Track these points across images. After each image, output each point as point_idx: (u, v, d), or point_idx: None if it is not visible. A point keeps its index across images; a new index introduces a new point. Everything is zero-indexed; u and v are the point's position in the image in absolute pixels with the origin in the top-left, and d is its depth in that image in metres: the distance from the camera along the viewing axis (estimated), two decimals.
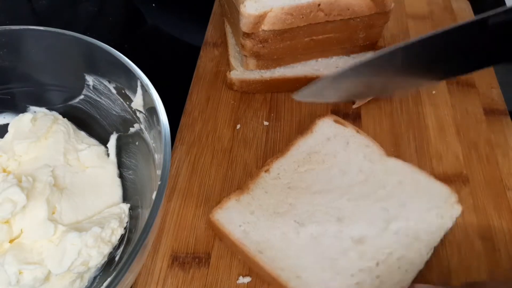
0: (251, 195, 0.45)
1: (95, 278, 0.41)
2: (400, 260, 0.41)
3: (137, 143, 0.43)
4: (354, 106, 0.55)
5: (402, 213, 0.44)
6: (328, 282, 0.40)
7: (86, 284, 0.40)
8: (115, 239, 0.40)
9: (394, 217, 0.43)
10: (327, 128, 0.50)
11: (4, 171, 0.43)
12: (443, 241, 0.44)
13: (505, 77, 0.61)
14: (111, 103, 0.45)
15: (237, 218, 0.43)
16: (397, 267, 0.41)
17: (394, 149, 0.51)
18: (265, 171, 0.47)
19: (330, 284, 0.40)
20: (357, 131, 0.50)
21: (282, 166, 0.48)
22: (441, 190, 0.45)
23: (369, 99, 0.55)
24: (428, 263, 0.42)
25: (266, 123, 0.54)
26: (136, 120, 0.42)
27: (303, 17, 0.50)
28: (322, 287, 0.39)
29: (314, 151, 0.49)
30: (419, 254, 0.41)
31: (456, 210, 0.44)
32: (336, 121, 0.51)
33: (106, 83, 0.43)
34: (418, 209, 0.44)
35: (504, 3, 0.73)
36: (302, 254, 0.41)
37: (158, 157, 0.37)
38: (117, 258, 0.41)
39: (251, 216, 0.43)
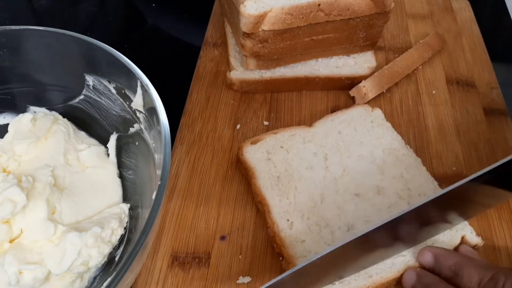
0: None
1: (95, 278, 0.41)
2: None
3: (137, 143, 0.43)
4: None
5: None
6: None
7: (86, 284, 0.40)
8: (115, 239, 0.40)
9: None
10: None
11: (4, 171, 0.43)
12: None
13: (505, 77, 0.61)
14: (111, 103, 0.45)
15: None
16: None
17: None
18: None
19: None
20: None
21: None
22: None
23: (369, 99, 0.55)
24: None
25: (266, 123, 0.54)
26: (136, 120, 0.42)
27: (303, 17, 0.50)
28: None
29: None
30: None
31: None
32: None
33: (106, 83, 0.43)
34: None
35: (504, 4, 0.73)
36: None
37: (158, 157, 0.37)
38: (117, 258, 0.41)
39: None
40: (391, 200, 0.45)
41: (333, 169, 0.47)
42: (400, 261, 0.41)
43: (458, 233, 0.42)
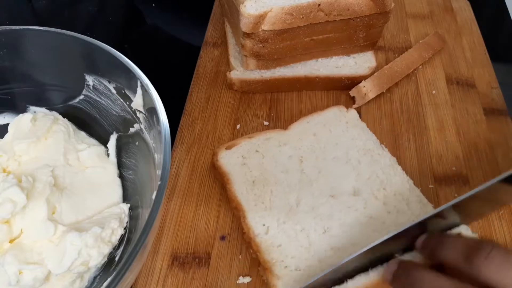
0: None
1: (95, 278, 0.41)
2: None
3: (137, 143, 0.43)
4: (354, 106, 0.55)
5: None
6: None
7: (86, 284, 0.40)
8: (115, 239, 0.40)
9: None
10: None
11: (4, 171, 0.43)
12: None
13: (505, 77, 0.61)
14: (111, 103, 0.45)
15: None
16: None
17: (394, 149, 0.51)
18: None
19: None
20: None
21: None
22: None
23: (369, 99, 0.55)
24: None
25: (266, 123, 0.54)
26: (136, 120, 0.42)
27: (303, 17, 0.50)
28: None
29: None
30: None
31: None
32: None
33: (106, 83, 0.43)
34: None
35: (504, 4, 0.73)
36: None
37: (158, 157, 0.37)
38: (117, 258, 0.41)
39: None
40: (366, 201, 0.44)
41: (308, 172, 0.46)
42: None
43: (453, 230, 0.42)
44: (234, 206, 0.45)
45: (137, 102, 0.41)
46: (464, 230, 0.41)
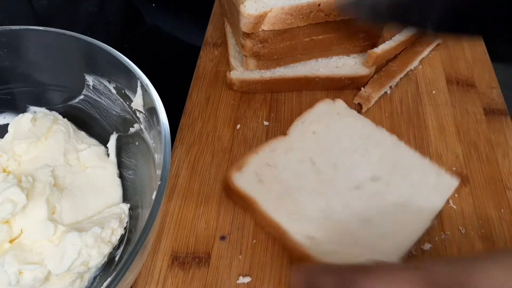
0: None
1: (95, 278, 0.41)
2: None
3: (137, 143, 0.43)
4: (363, 111, 0.55)
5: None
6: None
7: (86, 284, 0.40)
8: (115, 239, 0.40)
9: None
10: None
11: (4, 171, 0.43)
12: (443, 241, 0.44)
13: (505, 77, 0.61)
14: (111, 103, 0.45)
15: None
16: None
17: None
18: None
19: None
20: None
21: None
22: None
23: (375, 99, 0.55)
24: None
25: (266, 123, 0.54)
26: (136, 120, 0.42)
27: (303, 17, 0.50)
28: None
29: None
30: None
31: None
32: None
33: (106, 83, 0.43)
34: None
35: None
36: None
37: (158, 157, 0.37)
38: (117, 258, 0.41)
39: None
40: (388, 183, 0.45)
41: (324, 170, 0.47)
42: None
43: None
44: (267, 226, 0.44)
45: (137, 102, 0.41)
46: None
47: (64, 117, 0.47)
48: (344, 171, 0.46)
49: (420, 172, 0.47)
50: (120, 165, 0.46)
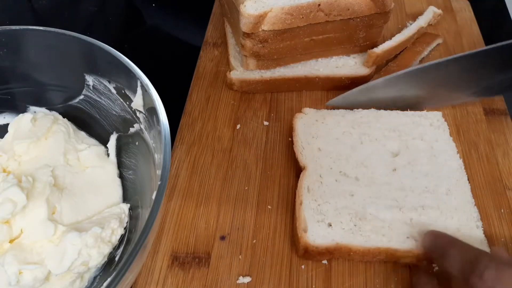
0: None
1: (95, 278, 0.41)
2: None
3: (137, 143, 0.43)
4: None
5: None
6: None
7: (86, 284, 0.40)
8: (115, 239, 0.40)
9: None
10: None
11: (4, 171, 0.43)
12: None
13: None
14: (111, 103, 0.45)
15: None
16: None
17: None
18: None
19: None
20: None
21: None
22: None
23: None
24: None
25: (266, 123, 0.54)
26: (136, 120, 0.42)
27: (303, 17, 0.50)
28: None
29: None
30: None
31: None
32: None
33: (106, 83, 0.43)
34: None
35: (504, 4, 0.73)
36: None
37: (158, 157, 0.37)
38: (117, 258, 0.41)
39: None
40: (409, 160, 0.48)
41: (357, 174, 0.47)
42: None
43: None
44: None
45: (137, 102, 0.41)
46: None
47: (64, 117, 0.47)
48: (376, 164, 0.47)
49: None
50: (120, 165, 0.46)
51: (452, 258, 0.35)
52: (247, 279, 0.42)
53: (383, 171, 0.47)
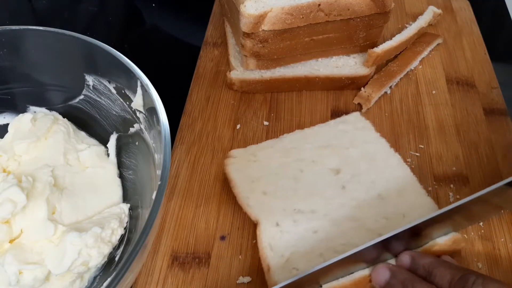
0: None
1: (95, 278, 0.41)
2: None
3: (137, 143, 0.43)
4: (363, 111, 0.55)
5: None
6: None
7: (86, 284, 0.40)
8: (115, 239, 0.40)
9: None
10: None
11: (4, 171, 0.43)
12: None
13: (505, 77, 0.61)
14: (111, 103, 0.45)
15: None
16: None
17: (395, 149, 0.51)
18: None
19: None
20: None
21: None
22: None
23: (375, 99, 0.55)
24: None
25: (266, 123, 0.54)
26: (136, 120, 0.42)
27: (303, 17, 0.50)
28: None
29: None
30: None
31: None
32: None
33: (106, 83, 0.43)
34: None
35: (504, 4, 0.73)
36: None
37: (158, 157, 0.37)
38: (117, 258, 0.41)
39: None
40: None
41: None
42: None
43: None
44: None
45: (137, 102, 0.41)
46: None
47: (64, 117, 0.47)
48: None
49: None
50: (120, 165, 0.46)
51: (440, 276, 0.36)
52: (247, 279, 0.42)
53: (333, 193, 0.45)
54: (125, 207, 0.43)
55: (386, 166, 0.47)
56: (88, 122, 0.47)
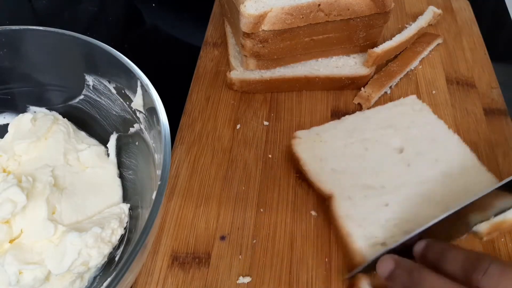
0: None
1: (95, 278, 0.41)
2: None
3: (137, 143, 0.43)
4: (355, 101, 0.55)
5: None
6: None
7: (86, 284, 0.40)
8: (115, 239, 0.40)
9: None
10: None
11: (4, 171, 0.43)
12: None
13: (505, 77, 0.61)
14: (111, 103, 0.45)
15: None
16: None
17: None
18: None
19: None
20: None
21: None
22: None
23: (374, 99, 0.55)
24: None
25: (266, 123, 0.54)
26: (136, 120, 0.42)
27: (303, 17, 0.50)
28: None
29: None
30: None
31: None
32: None
33: (106, 83, 0.43)
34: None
35: (504, 4, 0.73)
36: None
37: (158, 157, 0.37)
38: (117, 258, 0.41)
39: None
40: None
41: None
42: None
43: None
44: None
45: (137, 102, 0.41)
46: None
47: (64, 117, 0.47)
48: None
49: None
50: (120, 165, 0.46)
51: (453, 259, 0.35)
52: (247, 279, 0.42)
53: (400, 171, 0.47)
54: (125, 207, 0.43)
55: (447, 146, 0.49)
56: (88, 122, 0.47)
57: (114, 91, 0.43)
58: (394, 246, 0.39)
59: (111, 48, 0.41)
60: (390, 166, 0.47)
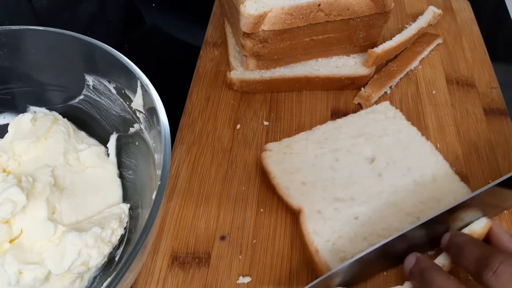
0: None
1: (95, 278, 0.41)
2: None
3: (137, 143, 0.43)
4: (355, 101, 0.55)
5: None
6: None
7: (86, 284, 0.40)
8: (115, 239, 0.40)
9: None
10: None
11: (4, 171, 0.43)
12: None
13: (505, 77, 0.61)
14: (111, 103, 0.45)
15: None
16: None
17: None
18: None
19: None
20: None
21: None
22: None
23: (375, 99, 0.55)
24: None
25: (266, 123, 0.54)
26: (136, 120, 0.42)
27: (303, 17, 0.50)
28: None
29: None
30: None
31: None
32: None
33: (106, 83, 0.43)
34: None
35: (504, 4, 0.73)
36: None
37: (158, 157, 0.37)
38: (117, 258, 0.41)
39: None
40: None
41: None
42: None
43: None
44: None
45: (137, 102, 0.41)
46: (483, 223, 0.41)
47: (64, 117, 0.47)
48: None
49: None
50: (120, 165, 0.46)
51: (468, 254, 0.36)
52: (247, 279, 0.42)
53: (370, 180, 0.46)
54: (125, 207, 0.43)
55: (419, 153, 0.48)
56: (88, 122, 0.47)
57: (114, 91, 0.43)
58: (356, 258, 0.39)
59: (111, 48, 0.41)
60: (361, 176, 0.46)
